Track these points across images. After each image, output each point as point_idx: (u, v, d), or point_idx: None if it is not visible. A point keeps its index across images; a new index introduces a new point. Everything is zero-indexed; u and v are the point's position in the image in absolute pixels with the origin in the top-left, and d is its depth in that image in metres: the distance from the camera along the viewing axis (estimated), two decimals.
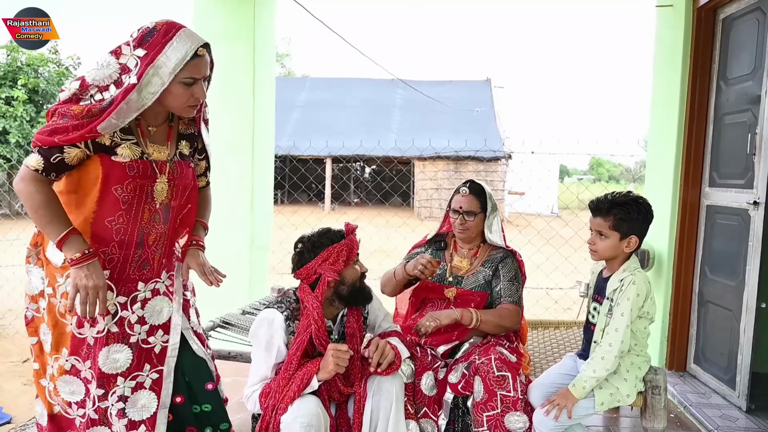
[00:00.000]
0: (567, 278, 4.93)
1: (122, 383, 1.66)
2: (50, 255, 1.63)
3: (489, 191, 2.26)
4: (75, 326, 1.62)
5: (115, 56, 1.54)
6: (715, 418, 2.67)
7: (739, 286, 2.78)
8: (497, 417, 1.84)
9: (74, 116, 1.49)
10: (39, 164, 1.50)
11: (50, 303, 1.65)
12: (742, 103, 2.83)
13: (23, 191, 1.51)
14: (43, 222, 1.52)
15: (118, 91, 1.51)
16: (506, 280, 2.17)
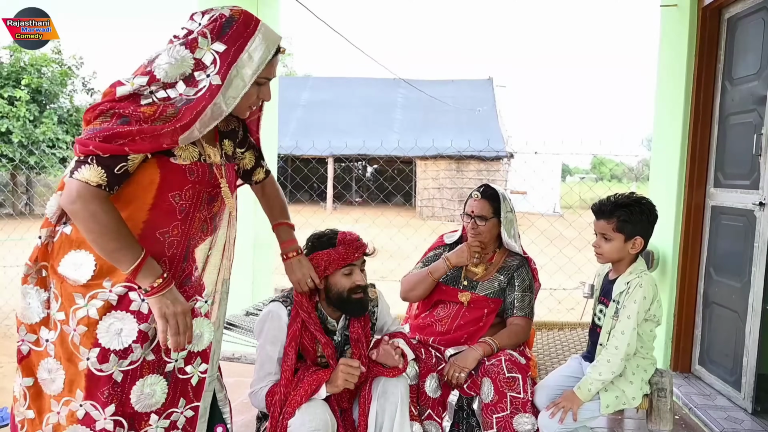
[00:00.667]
0: (570, 279, 4.92)
1: (155, 422, 1.39)
2: (67, 270, 1.32)
3: (505, 195, 2.20)
4: (96, 361, 1.30)
5: (190, 49, 1.29)
6: (721, 420, 2.66)
7: (745, 287, 2.77)
8: (506, 418, 1.84)
9: (143, 119, 1.23)
10: (101, 178, 1.23)
11: (63, 332, 1.32)
12: (748, 103, 2.82)
13: (82, 213, 1.23)
14: (111, 248, 1.26)
15: (190, 89, 1.28)
16: (520, 291, 2.15)
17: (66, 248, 1.34)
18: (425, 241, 5.25)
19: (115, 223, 1.25)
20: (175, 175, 1.34)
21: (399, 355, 1.81)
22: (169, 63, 1.28)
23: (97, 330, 1.30)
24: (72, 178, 1.23)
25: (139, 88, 1.26)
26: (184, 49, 1.29)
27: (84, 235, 1.27)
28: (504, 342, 2.04)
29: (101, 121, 1.23)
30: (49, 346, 1.35)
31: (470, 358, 1.98)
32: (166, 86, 1.28)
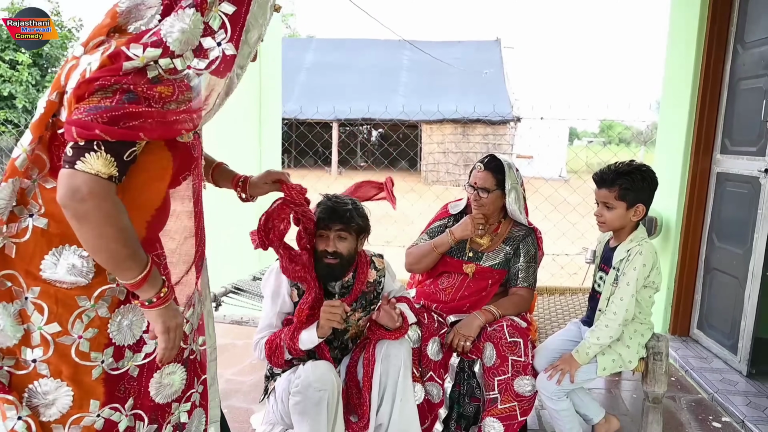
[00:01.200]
0: (573, 245, 4.94)
1: (177, 409, 1.30)
2: (58, 274, 1.09)
3: (510, 166, 2.15)
4: (112, 360, 1.16)
5: (201, 12, 1.08)
6: (716, 381, 2.73)
7: (747, 254, 2.79)
8: (507, 381, 1.90)
9: (156, 100, 1.03)
10: (112, 168, 1.01)
11: (59, 345, 1.11)
12: (759, 68, 2.77)
13: (95, 214, 1.00)
14: (122, 256, 1.05)
15: (200, 61, 1.09)
16: (524, 261, 2.15)
17: (44, 247, 1.09)
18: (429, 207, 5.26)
19: (127, 225, 1.05)
20: (183, 153, 1.17)
21: (399, 317, 1.85)
22: (182, 31, 1.06)
23: (109, 328, 1.15)
24: (75, 169, 0.98)
25: (151, 61, 1.04)
26: (195, 12, 1.07)
27: (88, 241, 1.04)
28: (506, 311, 2.07)
29: (101, 97, 0.99)
30: (39, 365, 1.11)
31: (474, 326, 2.02)
32: (173, 56, 1.06)
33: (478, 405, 2.11)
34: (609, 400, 2.61)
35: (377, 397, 1.88)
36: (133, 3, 1.10)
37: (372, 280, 2.00)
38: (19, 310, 1.10)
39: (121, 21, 1.10)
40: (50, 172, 1.08)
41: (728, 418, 2.46)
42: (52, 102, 1.06)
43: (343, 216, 1.81)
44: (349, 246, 1.85)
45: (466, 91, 17.06)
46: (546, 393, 1.88)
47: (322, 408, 1.72)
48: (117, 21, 1.09)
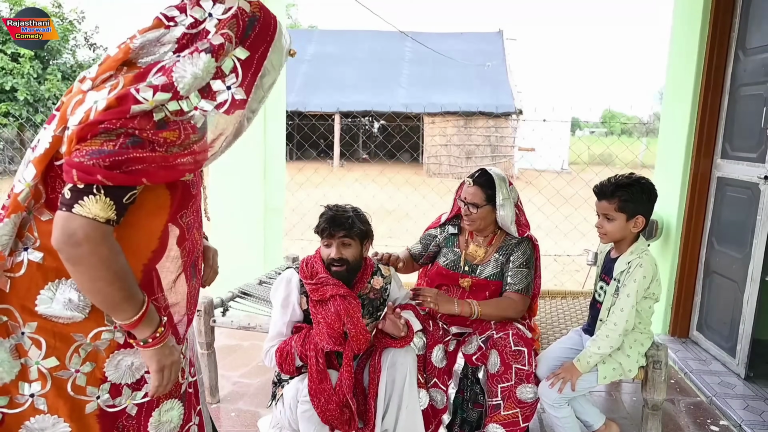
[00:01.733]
0: (575, 245, 4.98)
1: None
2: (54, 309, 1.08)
3: (503, 181, 2.13)
4: (108, 397, 1.14)
5: (215, 57, 1.08)
6: (714, 384, 2.78)
7: (746, 258, 2.83)
8: (510, 388, 1.95)
9: (162, 144, 1.02)
10: (110, 212, 1.00)
11: (56, 380, 1.10)
12: (760, 74, 2.78)
13: (89, 259, 0.99)
14: (118, 298, 1.04)
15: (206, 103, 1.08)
16: (515, 267, 2.14)
17: (40, 281, 1.07)
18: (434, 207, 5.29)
19: (123, 268, 1.04)
20: (182, 192, 1.15)
21: (404, 325, 1.91)
22: (195, 77, 1.06)
23: (106, 366, 1.13)
24: (72, 213, 0.97)
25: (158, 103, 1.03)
26: (209, 57, 1.07)
27: (83, 284, 1.03)
28: (487, 311, 2.06)
29: (104, 140, 0.97)
30: (36, 400, 1.09)
31: (447, 306, 2.02)
32: (178, 98, 1.06)
33: (481, 411, 2.17)
34: (609, 404, 2.66)
35: (383, 404, 1.93)
36: (147, 40, 1.10)
37: (378, 287, 2.05)
38: (15, 345, 1.08)
39: (132, 56, 1.10)
40: (46, 204, 1.07)
41: (726, 422, 2.52)
42: (58, 137, 1.05)
43: (345, 223, 1.88)
44: (354, 252, 1.93)
45: (469, 83, 17.02)
46: (548, 400, 1.94)
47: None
48: (129, 56, 1.10)
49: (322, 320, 1.85)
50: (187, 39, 1.11)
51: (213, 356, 2.54)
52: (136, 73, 1.06)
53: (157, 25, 1.11)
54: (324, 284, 1.88)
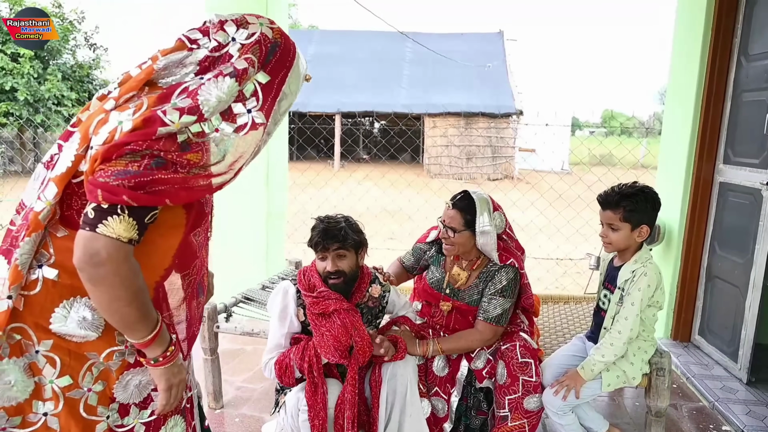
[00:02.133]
0: (578, 249, 4.99)
1: None
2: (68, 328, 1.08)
3: (484, 204, 2.00)
4: (117, 417, 1.16)
5: (239, 81, 1.12)
6: (716, 389, 2.78)
7: (748, 263, 2.83)
8: (518, 400, 1.95)
9: (185, 165, 1.05)
10: (133, 231, 1.02)
11: (69, 400, 1.10)
12: (762, 81, 2.79)
13: (111, 278, 1.00)
14: (133, 318, 1.06)
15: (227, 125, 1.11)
16: (489, 294, 2.02)
17: (55, 299, 1.07)
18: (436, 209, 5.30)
19: (141, 287, 1.06)
20: (197, 211, 1.18)
21: (388, 347, 1.90)
22: (219, 100, 1.09)
23: (115, 387, 1.14)
24: (96, 232, 0.99)
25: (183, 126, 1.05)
26: (234, 81, 1.11)
27: (102, 303, 1.04)
28: (447, 347, 2.02)
29: (128, 161, 1.00)
30: (49, 419, 1.10)
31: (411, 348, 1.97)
32: (201, 120, 1.08)
33: (484, 418, 2.17)
34: (612, 409, 2.67)
35: (385, 414, 1.93)
36: (170, 61, 1.13)
37: (377, 296, 2.05)
38: (29, 364, 1.08)
39: (154, 77, 1.13)
40: (60, 220, 1.07)
41: (728, 427, 2.53)
42: (80, 156, 1.06)
43: (338, 235, 1.85)
44: (350, 262, 1.91)
45: (470, 83, 17.03)
46: (552, 408, 1.94)
47: (331, 425, 1.78)
48: (151, 77, 1.12)
49: (327, 333, 1.84)
50: (209, 62, 1.13)
51: (216, 362, 2.54)
52: (159, 95, 1.08)
53: (180, 47, 1.14)
54: (325, 298, 1.86)
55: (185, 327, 1.25)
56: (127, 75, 1.14)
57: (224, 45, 1.14)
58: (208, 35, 1.15)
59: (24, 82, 13.25)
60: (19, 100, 13.25)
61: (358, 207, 6.69)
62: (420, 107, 15.82)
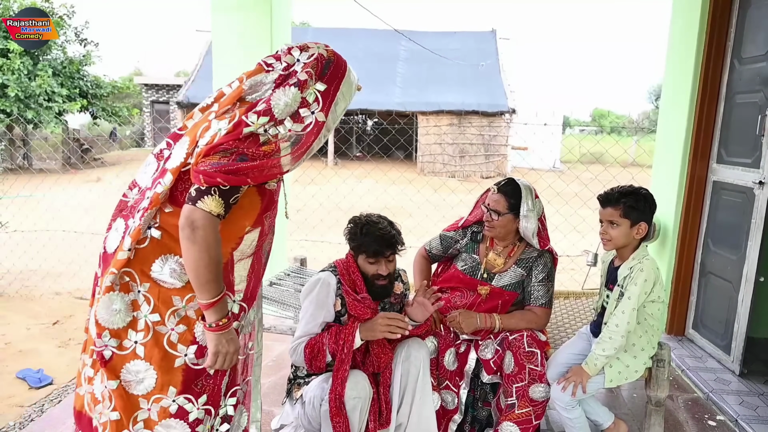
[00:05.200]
0: (575, 246, 5.09)
1: (224, 402, 1.54)
2: (162, 275, 1.40)
3: (530, 191, 2.16)
4: (193, 356, 1.42)
5: (300, 90, 1.42)
6: (710, 381, 2.89)
7: (740, 259, 2.93)
8: (524, 388, 2.03)
9: (260, 156, 1.36)
10: (220, 207, 1.34)
11: (156, 333, 1.40)
12: (755, 83, 2.89)
13: (201, 242, 1.32)
14: (208, 278, 1.34)
15: (297, 125, 1.41)
16: (537, 281, 2.19)
17: (157, 253, 1.40)
18: (436, 207, 5.37)
19: (218, 256, 1.35)
20: (269, 198, 1.50)
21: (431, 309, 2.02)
22: (286, 104, 1.40)
23: (195, 329, 1.42)
24: (196, 206, 1.32)
25: (260, 128, 1.37)
26: (296, 90, 1.42)
27: (188, 260, 1.34)
28: (510, 324, 2.14)
29: (221, 156, 1.33)
30: (137, 348, 1.40)
31: (472, 324, 2.14)
32: (277, 123, 1.39)
33: (490, 410, 2.25)
34: (611, 400, 2.76)
35: (398, 397, 2.01)
36: (254, 82, 1.46)
37: (399, 293, 2.13)
38: (132, 301, 1.41)
39: (244, 94, 1.46)
40: (169, 199, 1.42)
41: (722, 417, 2.63)
42: (189, 153, 1.39)
43: (393, 243, 1.97)
44: (395, 264, 2.04)
45: (463, 82, 17.09)
46: (560, 403, 2.02)
47: (355, 414, 1.85)
48: (241, 95, 1.45)
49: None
50: (281, 79, 1.46)
51: None
52: (247, 107, 1.43)
53: (259, 70, 1.48)
54: (365, 306, 1.97)
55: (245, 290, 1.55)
56: (221, 92, 1.49)
57: (291, 65, 1.47)
58: (279, 60, 1.48)
59: (14, 78, 13.13)
60: (9, 97, 13.13)
61: (359, 205, 6.77)
62: (414, 105, 15.87)
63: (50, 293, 4.75)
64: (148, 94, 21.86)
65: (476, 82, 17.02)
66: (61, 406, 2.69)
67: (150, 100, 21.88)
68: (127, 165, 14.98)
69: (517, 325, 2.15)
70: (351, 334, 1.91)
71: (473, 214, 2.35)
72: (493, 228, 2.18)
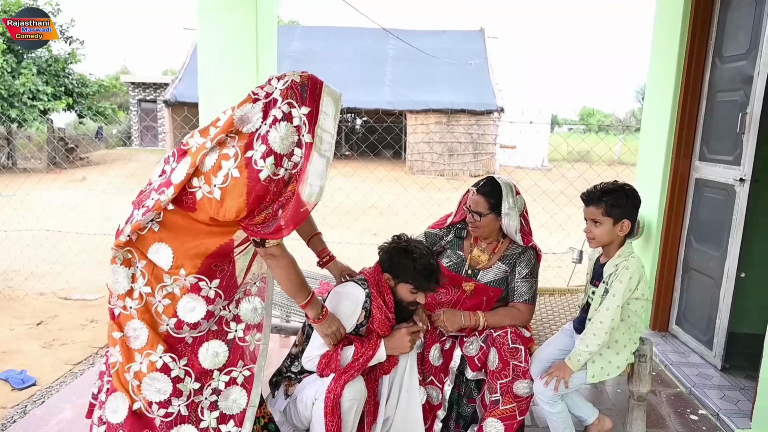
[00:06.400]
0: (560, 243, 5.13)
1: (217, 377, 1.76)
2: (154, 257, 1.66)
3: (510, 189, 2.17)
4: (174, 327, 1.69)
5: (289, 121, 1.60)
6: (693, 376, 2.93)
7: (722, 256, 2.97)
8: (508, 384, 2.04)
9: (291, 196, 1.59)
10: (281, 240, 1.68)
11: (147, 302, 1.68)
12: (736, 82, 2.93)
13: (284, 265, 1.71)
14: (295, 288, 1.75)
15: (300, 151, 1.60)
16: (521, 278, 2.20)
17: (153, 239, 1.67)
18: (423, 206, 5.37)
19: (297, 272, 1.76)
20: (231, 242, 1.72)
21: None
22: (281, 137, 1.58)
23: (177, 305, 1.68)
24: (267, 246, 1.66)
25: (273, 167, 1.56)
26: (286, 123, 1.59)
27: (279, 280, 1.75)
28: (495, 322, 2.15)
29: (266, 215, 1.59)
30: (132, 311, 1.69)
31: (456, 323, 2.15)
32: (288, 156, 1.59)
33: (474, 406, 2.26)
34: (595, 395, 2.79)
35: (386, 390, 2.02)
36: (243, 112, 1.62)
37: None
38: (132, 274, 1.68)
39: (237, 125, 1.61)
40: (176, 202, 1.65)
41: (704, 411, 2.66)
42: (189, 174, 1.61)
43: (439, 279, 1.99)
44: None
45: (452, 80, 17.14)
46: (543, 398, 2.04)
47: (350, 415, 1.85)
48: (234, 126, 1.61)
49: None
50: (266, 107, 1.62)
51: None
52: (246, 142, 1.60)
53: (248, 100, 1.63)
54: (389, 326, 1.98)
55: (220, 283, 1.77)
56: (217, 118, 1.67)
57: (271, 93, 1.63)
58: (263, 89, 1.64)
59: None
60: None
61: (346, 204, 6.75)
62: (403, 104, 15.88)
63: (34, 293, 4.69)
64: (135, 92, 21.65)
65: (465, 81, 17.07)
66: (44, 407, 2.66)
67: (137, 98, 21.68)
68: (112, 164, 14.84)
69: (501, 322, 2.15)
70: (374, 349, 1.92)
71: (458, 215, 2.35)
72: (477, 228, 2.19)
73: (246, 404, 1.79)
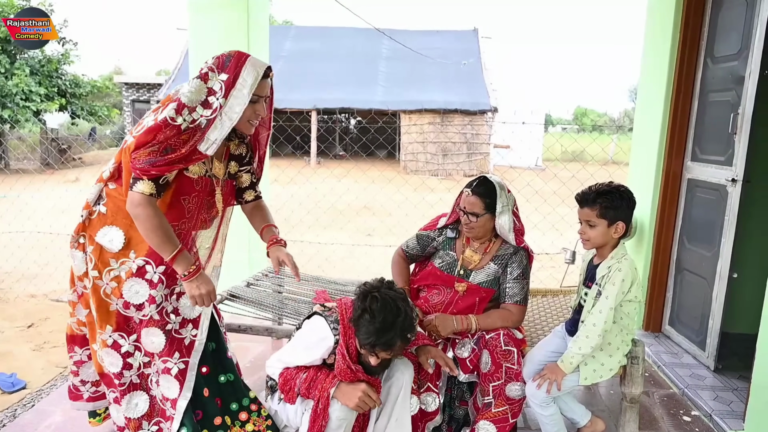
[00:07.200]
0: (553, 244, 5.13)
1: (156, 361, 1.91)
2: (102, 241, 1.81)
3: (503, 188, 2.16)
4: (121, 307, 1.84)
5: (204, 80, 1.73)
6: (686, 377, 2.93)
7: (714, 256, 2.98)
8: (501, 386, 2.03)
9: (181, 145, 1.68)
10: (151, 189, 1.70)
11: (95, 284, 1.84)
12: (727, 82, 2.93)
13: (142, 215, 1.70)
14: (159, 241, 1.73)
15: (207, 111, 1.71)
16: (513, 278, 2.18)
17: (101, 223, 1.82)
18: (415, 206, 5.37)
19: (161, 223, 1.72)
20: (186, 183, 1.81)
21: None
22: (190, 91, 1.71)
23: (123, 288, 1.82)
24: (133, 191, 1.70)
25: (173, 114, 1.67)
26: (199, 81, 1.73)
27: (141, 232, 1.73)
28: (487, 324, 2.12)
29: (150, 152, 1.67)
30: (86, 293, 1.90)
31: (448, 327, 2.11)
32: (191, 110, 1.70)
33: (466, 408, 2.25)
34: (588, 397, 2.78)
35: (375, 413, 1.97)
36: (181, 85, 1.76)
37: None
38: (86, 258, 1.85)
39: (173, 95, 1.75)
40: (116, 180, 1.83)
41: (697, 412, 2.66)
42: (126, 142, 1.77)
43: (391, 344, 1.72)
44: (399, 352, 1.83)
45: (446, 80, 17.16)
46: (535, 400, 2.03)
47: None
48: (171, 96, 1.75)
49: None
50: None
51: None
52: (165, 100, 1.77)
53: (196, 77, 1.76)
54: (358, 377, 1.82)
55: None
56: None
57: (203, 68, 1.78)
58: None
59: None
60: None
61: (339, 204, 6.73)
62: (397, 104, 15.88)
63: (25, 295, 4.65)
64: (129, 93, 21.52)
65: (458, 81, 17.09)
66: (33, 410, 2.63)
67: (130, 99, 21.56)
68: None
69: (494, 324, 2.13)
70: (326, 390, 1.81)
71: (452, 218, 2.32)
72: (472, 229, 2.17)
73: (177, 395, 1.88)
